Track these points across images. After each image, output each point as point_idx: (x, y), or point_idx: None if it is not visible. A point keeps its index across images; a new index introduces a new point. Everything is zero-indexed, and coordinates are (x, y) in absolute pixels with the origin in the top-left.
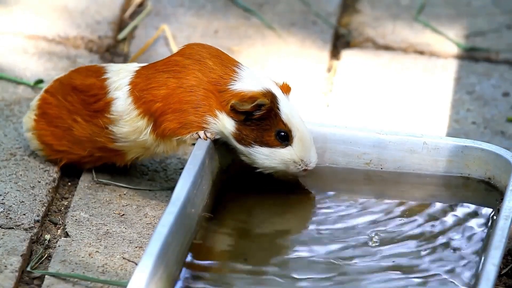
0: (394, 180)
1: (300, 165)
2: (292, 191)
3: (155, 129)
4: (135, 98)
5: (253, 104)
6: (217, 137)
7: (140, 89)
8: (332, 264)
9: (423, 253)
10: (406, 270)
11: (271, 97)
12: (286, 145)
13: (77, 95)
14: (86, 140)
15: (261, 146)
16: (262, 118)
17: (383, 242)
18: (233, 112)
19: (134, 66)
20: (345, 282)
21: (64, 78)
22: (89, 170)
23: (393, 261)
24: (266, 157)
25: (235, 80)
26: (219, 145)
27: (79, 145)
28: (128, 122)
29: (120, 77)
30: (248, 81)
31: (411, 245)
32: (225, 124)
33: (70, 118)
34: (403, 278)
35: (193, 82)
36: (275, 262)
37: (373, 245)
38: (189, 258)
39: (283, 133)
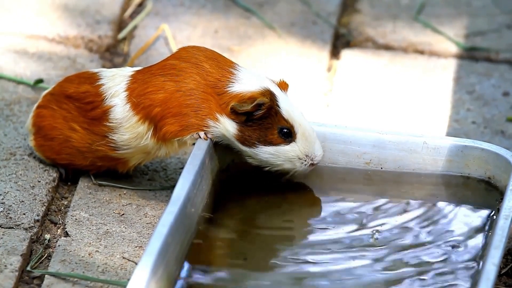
0: (394, 179)
1: (305, 160)
2: (292, 191)
3: (155, 133)
4: (133, 104)
5: (253, 104)
6: (219, 140)
7: (137, 94)
8: (333, 263)
9: (422, 252)
10: (406, 268)
11: (270, 96)
12: (290, 142)
13: (72, 103)
14: (87, 150)
15: (265, 145)
16: (263, 117)
17: (383, 241)
18: (234, 114)
19: (128, 71)
20: (346, 281)
21: (55, 89)
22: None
23: (393, 260)
24: (271, 155)
25: (233, 82)
26: (219, 145)
27: (80, 156)
28: (128, 129)
29: (115, 83)
30: (246, 82)
31: (411, 243)
32: (227, 126)
33: (67, 127)
34: (403, 276)
35: (192, 85)
36: (275, 262)
37: (374, 242)
38: (189, 257)
39: (285, 130)
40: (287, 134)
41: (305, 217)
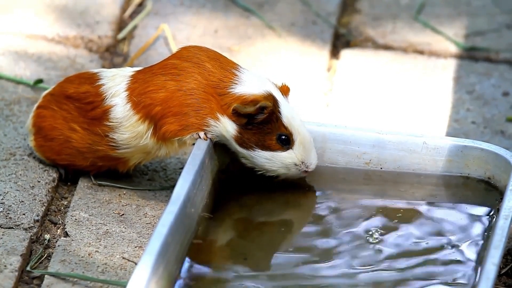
0: (393, 179)
1: (300, 167)
2: (291, 191)
3: (155, 133)
4: (134, 103)
5: (256, 106)
6: (217, 139)
7: (138, 93)
8: (333, 263)
9: (422, 252)
10: (405, 268)
11: (273, 100)
12: (287, 149)
13: (72, 103)
14: (87, 151)
15: (263, 150)
16: (264, 121)
17: (383, 240)
18: (235, 115)
19: (128, 71)
20: (346, 280)
21: (55, 90)
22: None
23: (393, 259)
24: (268, 160)
25: (236, 83)
26: (219, 145)
27: (80, 156)
28: (128, 128)
29: (115, 83)
30: (249, 84)
31: (411, 244)
32: (227, 127)
33: (67, 127)
34: (403, 275)
35: (193, 85)
36: (275, 262)
37: (374, 242)
38: (188, 257)
39: (284, 137)
40: (285, 141)
41: (305, 217)
